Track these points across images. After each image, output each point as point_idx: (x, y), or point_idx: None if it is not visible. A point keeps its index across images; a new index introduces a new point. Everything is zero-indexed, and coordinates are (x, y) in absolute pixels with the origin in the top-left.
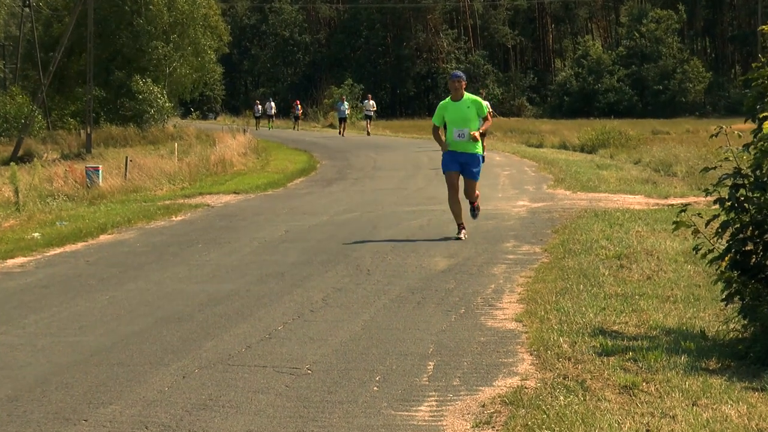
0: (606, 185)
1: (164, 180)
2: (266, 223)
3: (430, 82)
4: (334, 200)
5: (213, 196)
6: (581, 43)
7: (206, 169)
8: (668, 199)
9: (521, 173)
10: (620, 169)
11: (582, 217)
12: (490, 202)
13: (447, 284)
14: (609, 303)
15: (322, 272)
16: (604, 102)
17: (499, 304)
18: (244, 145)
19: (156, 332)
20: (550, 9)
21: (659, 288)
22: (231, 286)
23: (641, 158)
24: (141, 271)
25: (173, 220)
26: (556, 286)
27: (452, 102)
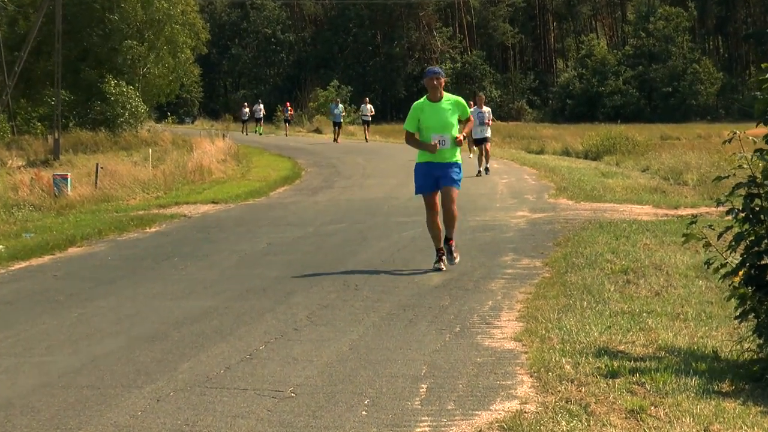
0: (612, 194)
1: (138, 189)
2: (247, 234)
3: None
4: (320, 210)
5: (190, 206)
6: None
7: (183, 176)
8: (678, 210)
9: (521, 181)
10: (627, 178)
11: (586, 228)
12: (488, 213)
13: (441, 301)
14: (615, 321)
15: (307, 288)
16: (610, 105)
17: (497, 322)
18: (224, 151)
19: (128, 352)
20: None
21: (669, 305)
22: (209, 303)
23: (649, 166)
24: (113, 287)
25: (147, 231)
26: (558, 302)
27: (429, 103)
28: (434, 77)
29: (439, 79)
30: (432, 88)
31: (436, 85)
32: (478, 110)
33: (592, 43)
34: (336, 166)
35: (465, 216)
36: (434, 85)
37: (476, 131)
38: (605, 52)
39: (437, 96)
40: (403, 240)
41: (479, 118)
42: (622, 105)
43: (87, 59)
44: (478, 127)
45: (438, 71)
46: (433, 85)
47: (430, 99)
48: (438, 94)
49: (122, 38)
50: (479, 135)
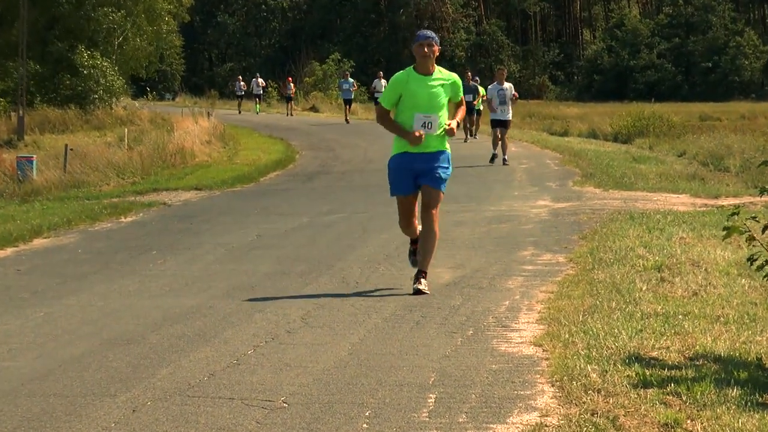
0: (644, 182)
1: (112, 173)
2: (234, 225)
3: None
4: (316, 198)
5: (170, 193)
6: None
7: (162, 160)
8: (719, 200)
9: (542, 167)
10: (661, 163)
11: (615, 220)
12: (504, 202)
13: (452, 300)
14: (647, 324)
15: (301, 285)
16: (642, 82)
17: (515, 325)
18: (208, 131)
19: (101, 356)
20: None
21: (707, 306)
22: (191, 302)
23: (686, 150)
24: (83, 283)
25: (122, 221)
26: (583, 303)
27: (417, 75)
28: (426, 43)
29: (432, 47)
30: (422, 57)
31: (427, 53)
32: (498, 86)
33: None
34: (334, 149)
35: (479, 205)
36: (425, 54)
37: (495, 113)
38: (637, 22)
39: (428, 68)
40: None
41: (500, 96)
42: (656, 81)
43: (56, 28)
44: (498, 106)
45: (431, 36)
46: (423, 53)
47: (417, 71)
48: (429, 66)
49: (96, 5)
50: (499, 116)
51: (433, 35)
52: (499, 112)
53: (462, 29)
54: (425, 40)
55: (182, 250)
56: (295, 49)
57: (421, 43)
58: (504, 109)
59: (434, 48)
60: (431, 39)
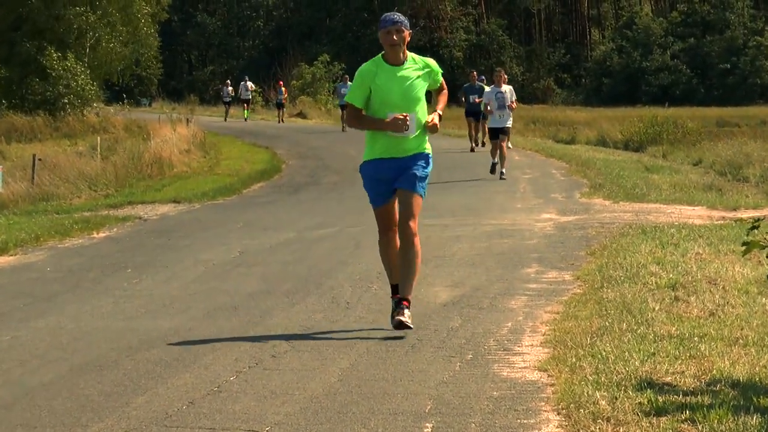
0: (657, 193)
1: (83, 185)
2: (215, 241)
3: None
4: (304, 211)
5: (146, 206)
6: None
7: (138, 170)
8: (737, 212)
9: (547, 177)
10: (675, 173)
11: (626, 234)
12: (507, 215)
13: (450, 322)
14: (660, 347)
15: (288, 306)
16: (655, 85)
17: (518, 348)
18: (187, 139)
19: (71, 383)
20: None
21: (725, 327)
22: (169, 324)
23: (702, 158)
24: (52, 304)
25: (95, 237)
26: (591, 324)
27: (387, 66)
28: (394, 29)
29: (401, 32)
30: (390, 46)
31: (396, 41)
32: (497, 89)
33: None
34: (323, 157)
35: (479, 219)
36: (393, 42)
37: (493, 118)
38: (649, 21)
39: (399, 57)
40: None
41: (498, 100)
42: (670, 84)
43: (23, 28)
44: (497, 111)
45: (399, 20)
46: (391, 42)
47: (387, 61)
48: (400, 55)
49: (66, 3)
50: (498, 123)
51: (402, 19)
52: (498, 117)
53: (461, 28)
54: (393, 25)
55: (159, 268)
56: (280, 51)
57: (388, 29)
58: (503, 115)
59: (404, 34)
60: (400, 23)
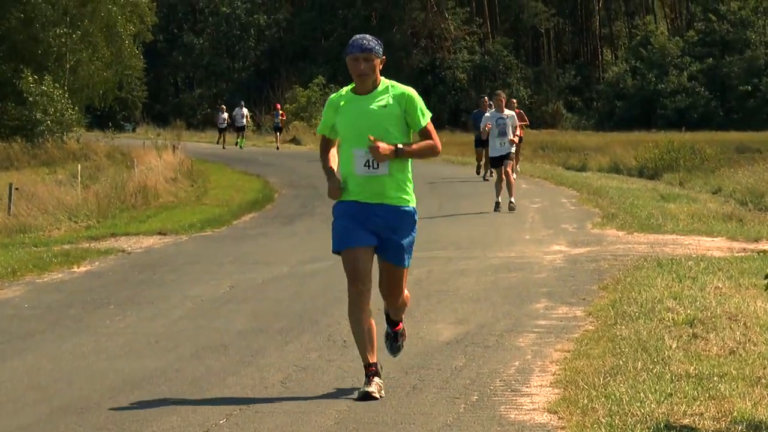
0: (674, 223)
1: (63, 216)
2: (204, 275)
3: (432, 80)
4: (297, 244)
5: (130, 239)
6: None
7: (121, 200)
8: (759, 243)
9: (557, 206)
10: (693, 202)
11: (640, 267)
12: (514, 247)
13: (454, 361)
14: (677, 387)
15: (281, 344)
16: (671, 108)
17: (526, 389)
18: (174, 167)
19: (51, 427)
20: None
21: (746, 366)
22: (154, 364)
23: (722, 186)
24: (30, 342)
25: (75, 271)
26: (604, 363)
27: (354, 96)
28: (362, 56)
29: (371, 60)
30: (358, 74)
31: (363, 70)
32: (497, 115)
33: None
34: (317, 186)
35: (485, 251)
36: (361, 71)
37: (493, 145)
38: (665, 40)
39: (367, 84)
40: None
41: (499, 126)
42: (687, 108)
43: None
44: (496, 139)
45: (368, 46)
46: (359, 71)
47: (356, 90)
48: (368, 83)
49: (46, 23)
50: (499, 151)
51: (372, 45)
52: (498, 145)
53: (464, 48)
54: (361, 52)
55: (144, 304)
56: (273, 72)
57: (356, 56)
58: (504, 142)
59: (375, 62)
60: (369, 51)
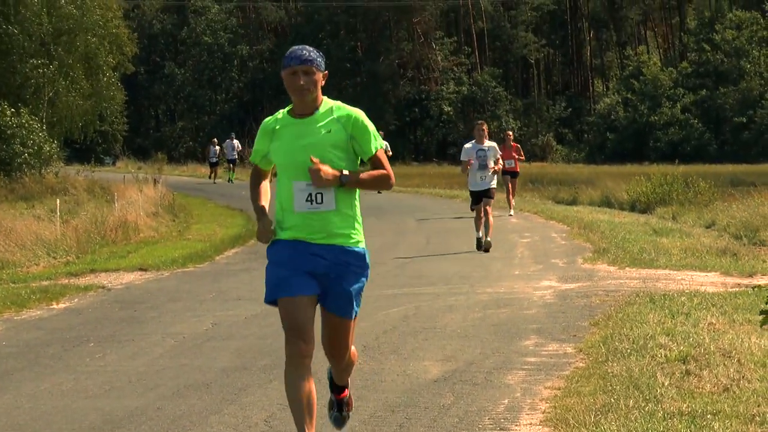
0: (666, 258)
1: (42, 251)
2: (186, 312)
3: (419, 112)
4: None
5: (110, 275)
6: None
7: (101, 235)
8: (754, 278)
9: (547, 241)
10: (686, 236)
11: (632, 303)
12: (503, 282)
13: (441, 399)
14: (670, 425)
15: (265, 382)
16: (664, 140)
17: (516, 427)
18: (155, 201)
19: None
20: (587, 8)
21: (740, 404)
22: (135, 403)
23: (716, 220)
24: (8, 381)
25: (54, 308)
26: (595, 401)
27: (292, 120)
28: (300, 68)
29: (311, 74)
30: (296, 92)
31: (303, 85)
32: (477, 146)
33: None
34: None
35: (474, 287)
36: (299, 86)
37: (473, 179)
38: (658, 71)
39: (306, 105)
40: (390, 319)
41: (480, 158)
42: (681, 140)
43: None
44: (477, 172)
45: (308, 57)
46: (297, 85)
47: (293, 112)
48: (308, 102)
49: (24, 55)
50: (479, 185)
51: (313, 56)
52: (479, 180)
53: (452, 79)
54: (300, 64)
55: (125, 342)
56: (256, 104)
57: (294, 69)
58: (485, 176)
59: (315, 76)
60: (310, 62)
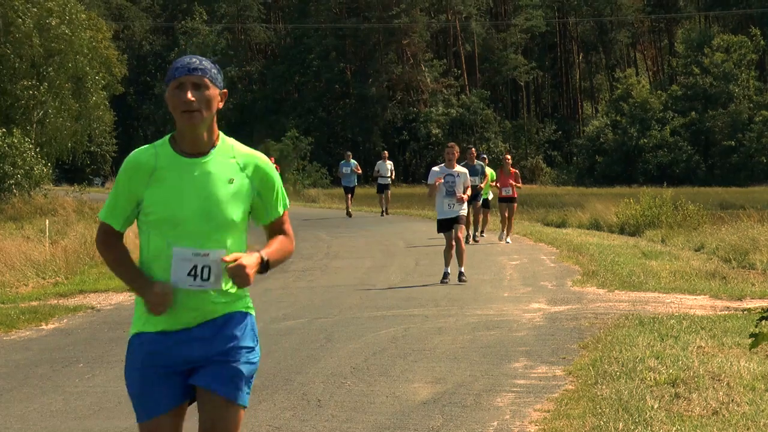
0: (655, 281)
1: (30, 272)
2: None
3: (407, 135)
4: (270, 301)
5: (100, 295)
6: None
7: (90, 256)
8: (743, 302)
9: (535, 263)
10: (675, 259)
11: (621, 326)
12: (492, 305)
13: (431, 421)
14: None
15: (254, 403)
16: (653, 163)
17: None
18: None
19: None
20: (577, 32)
21: (730, 427)
22: (125, 424)
23: (705, 243)
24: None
25: (43, 329)
26: (585, 423)
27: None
28: (189, 80)
29: (204, 86)
30: (183, 113)
31: (191, 102)
32: (446, 170)
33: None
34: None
35: (462, 309)
36: (187, 103)
37: (440, 207)
38: (647, 93)
39: (199, 139)
40: (380, 341)
41: (447, 184)
42: (670, 163)
43: None
44: (444, 199)
45: (199, 66)
46: (183, 103)
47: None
48: (203, 135)
49: (14, 76)
50: (447, 214)
51: (205, 65)
52: (446, 207)
53: (441, 101)
54: (188, 74)
55: (114, 362)
56: (245, 126)
57: (180, 81)
58: (452, 204)
59: (210, 93)
60: (203, 73)
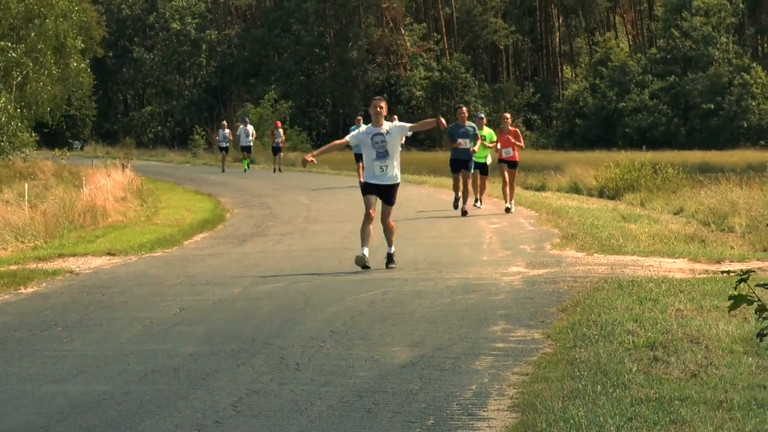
0: (634, 244)
1: (9, 236)
2: (154, 297)
3: (389, 98)
4: (250, 265)
5: (78, 259)
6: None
7: (69, 220)
8: (722, 264)
9: (515, 227)
10: (654, 222)
11: (600, 289)
12: (471, 268)
13: (409, 384)
14: (638, 411)
15: (233, 367)
16: (633, 127)
17: (483, 413)
18: (123, 186)
19: None
20: None
21: (708, 390)
22: (103, 387)
23: (684, 206)
24: None
25: (21, 292)
26: (563, 387)
27: None
28: None
29: None
30: None
31: None
32: (374, 130)
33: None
34: (270, 206)
35: (441, 273)
36: None
37: (370, 172)
38: (626, 57)
39: None
40: (359, 304)
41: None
42: (649, 126)
43: None
44: (374, 162)
45: None
46: None
47: None
48: None
49: None
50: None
51: None
52: (379, 171)
53: (421, 65)
54: None
55: (92, 326)
56: (224, 90)
57: None
58: (384, 167)
59: None
60: None
